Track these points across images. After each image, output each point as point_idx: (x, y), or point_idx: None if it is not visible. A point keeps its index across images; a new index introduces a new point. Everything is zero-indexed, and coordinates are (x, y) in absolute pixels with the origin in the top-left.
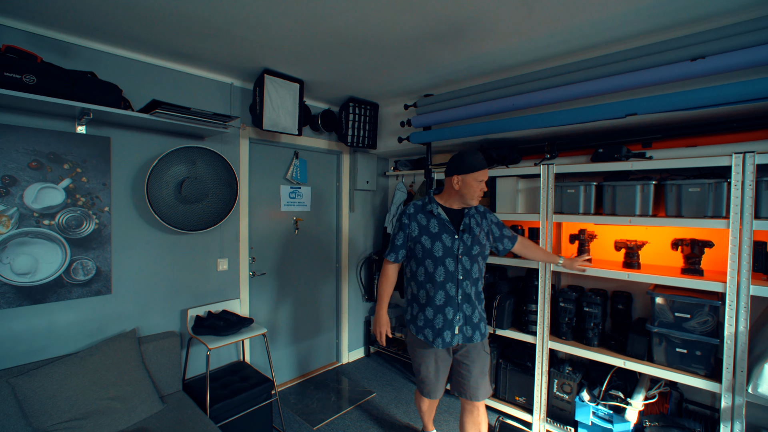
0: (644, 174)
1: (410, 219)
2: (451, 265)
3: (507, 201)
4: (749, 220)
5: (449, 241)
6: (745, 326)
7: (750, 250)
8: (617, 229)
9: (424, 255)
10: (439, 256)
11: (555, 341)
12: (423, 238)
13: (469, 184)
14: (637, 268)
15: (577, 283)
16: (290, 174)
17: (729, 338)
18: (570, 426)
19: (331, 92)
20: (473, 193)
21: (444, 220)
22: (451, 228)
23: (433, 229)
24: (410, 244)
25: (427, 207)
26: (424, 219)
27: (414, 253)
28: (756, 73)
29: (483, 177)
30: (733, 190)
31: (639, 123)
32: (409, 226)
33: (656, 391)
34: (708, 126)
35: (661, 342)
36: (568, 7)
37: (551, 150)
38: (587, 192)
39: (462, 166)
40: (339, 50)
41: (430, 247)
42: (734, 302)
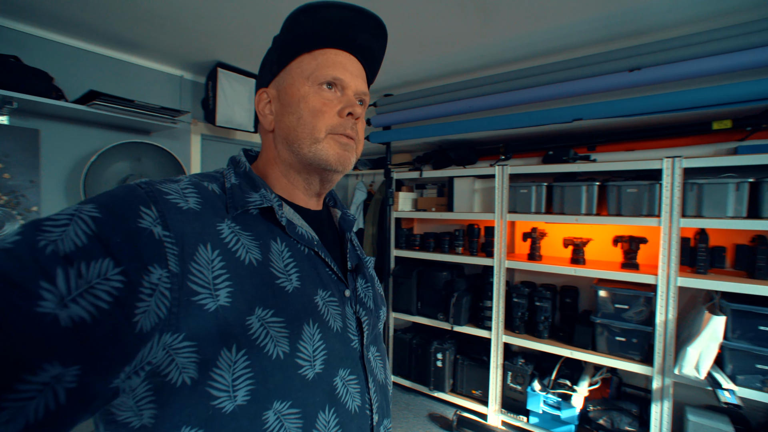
0: (589, 175)
1: (183, 244)
2: (348, 394)
3: (464, 201)
4: (677, 219)
5: (336, 309)
6: (674, 314)
7: (678, 246)
8: (565, 227)
9: (265, 383)
10: (321, 373)
11: (509, 335)
12: (253, 319)
13: (304, 94)
14: (582, 264)
15: (530, 279)
16: None
17: (660, 326)
18: (522, 415)
19: None
20: (317, 127)
21: (307, 241)
22: (332, 266)
23: (287, 276)
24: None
25: (246, 199)
26: (245, 246)
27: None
28: (686, 84)
29: (340, 69)
30: (664, 191)
31: (585, 128)
32: (177, 283)
33: (599, 377)
34: (644, 132)
35: (603, 332)
36: (521, 16)
37: (506, 151)
38: (539, 192)
39: (286, 30)
40: None
41: (290, 350)
42: (665, 293)
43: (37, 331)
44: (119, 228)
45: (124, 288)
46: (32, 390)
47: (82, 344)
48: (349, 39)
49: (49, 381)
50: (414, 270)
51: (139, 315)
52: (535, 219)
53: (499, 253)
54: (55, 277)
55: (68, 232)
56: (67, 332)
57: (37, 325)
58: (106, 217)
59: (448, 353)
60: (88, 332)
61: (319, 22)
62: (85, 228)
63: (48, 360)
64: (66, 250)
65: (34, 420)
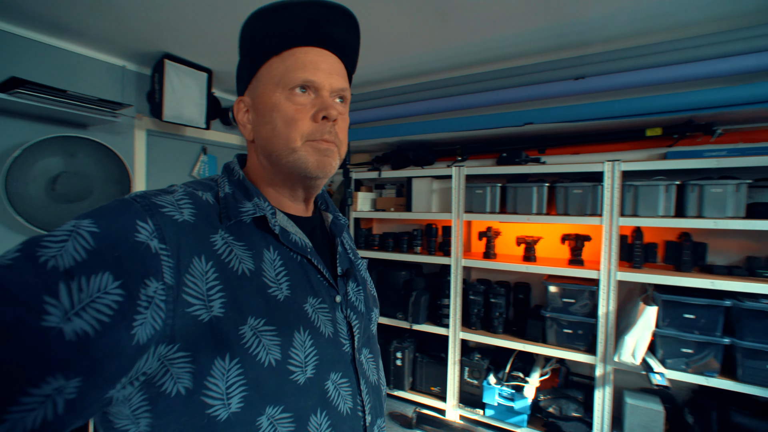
0: (540, 177)
1: (178, 257)
2: (339, 397)
3: (422, 201)
4: (616, 218)
5: (327, 315)
6: (614, 306)
7: (617, 243)
8: (518, 226)
9: (258, 389)
10: (312, 377)
11: (466, 331)
12: (245, 328)
13: (275, 102)
14: (533, 261)
15: (486, 277)
16: (197, 171)
17: (602, 317)
18: (479, 408)
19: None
20: (291, 137)
21: (300, 248)
22: (324, 272)
23: (278, 285)
24: (183, 354)
25: (239, 209)
26: (238, 257)
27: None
28: (625, 94)
29: (310, 70)
30: (605, 193)
31: (536, 131)
32: (174, 293)
33: (549, 368)
34: (588, 137)
35: (553, 325)
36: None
37: (462, 153)
38: (493, 192)
39: (249, 37)
40: None
41: (281, 357)
42: (606, 287)
43: (44, 345)
44: (117, 242)
45: (123, 301)
46: (34, 402)
47: (85, 357)
48: (319, 34)
49: (51, 393)
50: (374, 270)
51: (137, 327)
52: (490, 218)
53: (456, 252)
54: (58, 292)
55: (67, 248)
56: (71, 345)
57: (43, 339)
58: (104, 232)
59: (407, 352)
60: (91, 345)
61: (282, 23)
62: (84, 243)
63: (52, 373)
64: (66, 265)
65: (31, 429)
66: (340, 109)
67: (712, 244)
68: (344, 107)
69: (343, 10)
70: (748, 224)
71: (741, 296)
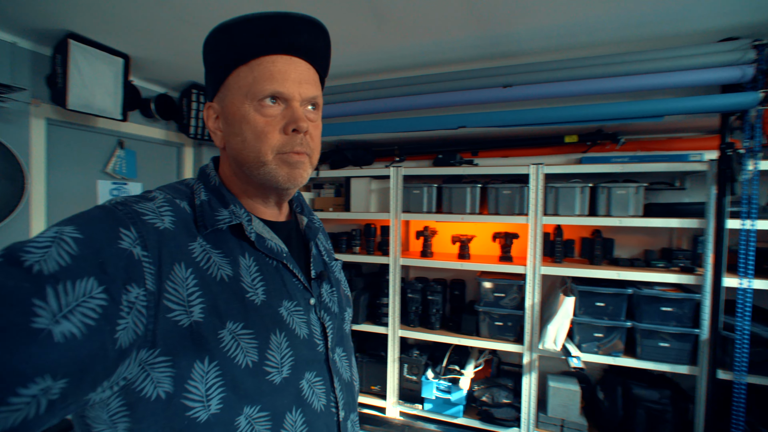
0: (473, 178)
1: (160, 264)
2: (314, 395)
3: (361, 201)
4: (540, 217)
5: (302, 317)
6: (539, 298)
7: (541, 240)
8: (453, 226)
9: (235, 390)
10: (288, 377)
11: (405, 329)
12: (224, 332)
13: (244, 114)
14: (468, 259)
15: (423, 275)
16: (112, 167)
17: (529, 309)
18: (418, 403)
19: (170, 74)
20: (262, 150)
21: (276, 254)
22: (299, 276)
23: (255, 290)
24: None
25: (215, 218)
26: (216, 263)
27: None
28: (548, 103)
29: (278, 80)
30: (530, 193)
31: (469, 135)
32: (154, 300)
33: (482, 359)
34: (516, 141)
35: (485, 318)
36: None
37: (400, 153)
38: (430, 193)
39: (213, 49)
40: (178, 27)
41: (258, 359)
42: (532, 281)
43: (34, 346)
44: (101, 249)
45: (107, 306)
46: (21, 403)
47: (73, 358)
48: (286, 43)
49: (38, 394)
50: None
51: (120, 331)
52: (427, 218)
53: (395, 252)
54: (46, 295)
55: (51, 253)
56: (59, 347)
57: (34, 340)
58: (88, 238)
59: None
60: (78, 347)
61: (246, 35)
62: (68, 249)
63: (41, 374)
64: (52, 269)
65: (10, 427)
66: (312, 117)
67: (618, 239)
68: (316, 114)
69: (309, 19)
70: (645, 222)
71: (640, 284)
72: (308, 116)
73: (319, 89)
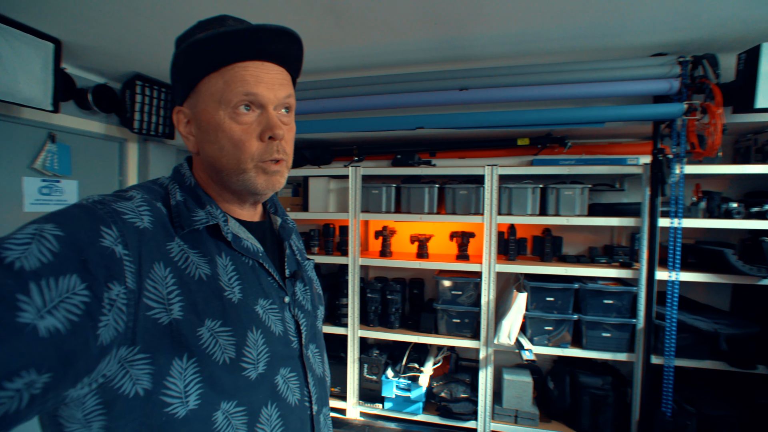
0: (431, 178)
1: (140, 262)
2: (288, 390)
3: (319, 200)
4: (495, 216)
5: (277, 315)
6: (494, 295)
7: (496, 239)
8: (412, 225)
9: (213, 386)
10: (263, 373)
11: (364, 329)
12: (203, 329)
13: (219, 122)
14: (426, 258)
15: (383, 275)
16: (42, 162)
17: (485, 306)
18: (378, 403)
19: (110, 63)
20: (241, 159)
21: (252, 253)
22: (274, 275)
23: (232, 289)
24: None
25: (192, 218)
26: (194, 263)
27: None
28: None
29: (251, 84)
30: (486, 194)
31: (427, 136)
32: (132, 298)
33: (441, 356)
34: (472, 143)
35: (443, 316)
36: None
37: (359, 153)
38: (389, 193)
39: (182, 61)
40: (120, 13)
41: (236, 355)
42: (488, 278)
43: (20, 341)
44: (83, 246)
45: (90, 302)
46: (5, 397)
47: (57, 353)
48: (257, 51)
49: (21, 388)
50: None
51: (102, 328)
52: (386, 218)
53: (354, 252)
54: (29, 291)
55: (32, 250)
56: (44, 341)
57: (20, 334)
58: (69, 236)
59: None
60: (62, 342)
61: (216, 46)
62: (50, 246)
63: (27, 368)
64: (33, 266)
65: None
66: (286, 121)
67: (566, 237)
68: (290, 117)
69: (282, 30)
70: (589, 221)
71: (585, 279)
72: (282, 120)
73: (292, 90)
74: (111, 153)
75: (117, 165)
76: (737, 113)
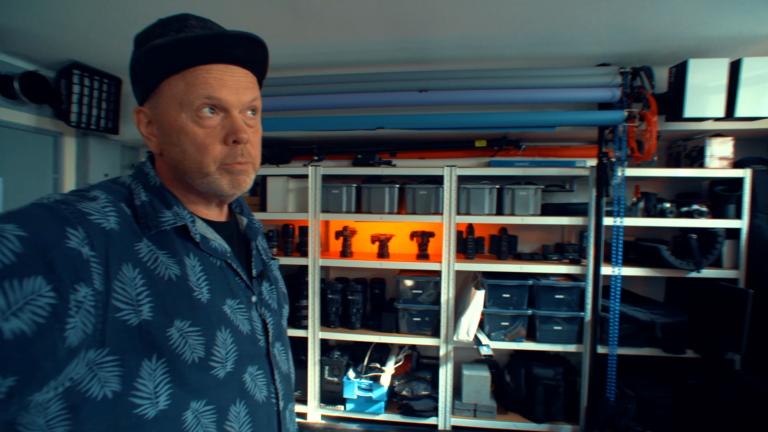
0: (391, 179)
1: (107, 264)
2: (256, 387)
3: (278, 200)
4: (454, 216)
5: (244, 314)
6: (453, 293)
7: (455, 238)
8: (373, 225)
9: (182, 386)
10: (232, 371)
11: (325, 331)
12: (172, 330)
13: (182, 125)
14: (387, 258)
15: (344, 275)
16: None
17: (444, 304)
18: (340, 404)
19: (42, 49)
20: (204, 162)
21: (220, 254)
22: (242, 275)
23: (200, 289)
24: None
25: (159, 219)
26: (164, 263)
27: None
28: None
29: (215, 87)
30: (445, 194)
31: (387, 136)
32: (104, 300)
33: (402, 355)
34: (432, 144)
35: (404, 315)
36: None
37: (319, 153)
38: (349, 192)
39: (142, 65)
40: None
41: (205, 355)
42: (447, 277)
43: None
44: (48, 247)
45: (57, 304)
46: None
47: (23, 356)
48: (221, 55)
49: None
50: None
51: (69, 330)
52: (347, 218)
53: (314, 252)
54: None
55: None
56: (10, 344)
57: None
58: (33, 236)
59: None
60: (29, 345)
61: (178, 49)
62: (12, 247)
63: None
64: None
65: None
66: (251, 123)
67: (521, 236)
68: (255, 120)
69: (246, 36)
70: (542, 220)
71: (539, 276)
72: (248, 122)
73: (257, 93)
74: (43, 148)
75: (51, 161)
76: (670, 121)
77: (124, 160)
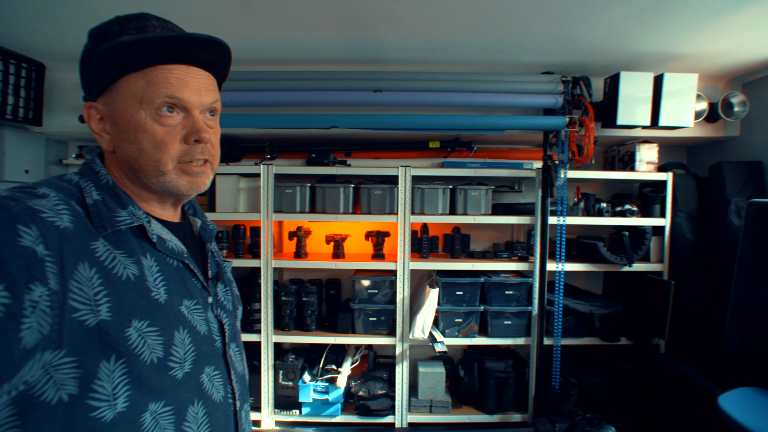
0: (346, 178)
1: (62, 263)
2: (213, 387)
3: (228, 200)
4: (408, 216)
5: (201, 315)
6: (409, 292)
7: (410, 237)
8: (327, 225)
9: (141, 387)
10: (189, 372)
11: (279, 334)
12: (131, 330)
13: (140, 122)
14: (342, 258)
15: (298, 277)
16: None
17: (400, 303)
18: (295, 409)
19: None
20: (162, 160)
21: (177, 254)
22: (199, 276)
23: (158, 290)
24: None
25: (115, 218)
26: (121, 263)
27: None
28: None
29: (176, 87)
30: (400, 194)
31: (342, 135)
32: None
33: (359, 355)
34: (387, 144)
35: (360, 315)
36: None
37: (272, 151)
38: (303, 192)
39: (100, 61)
40: None
41: (163, 355)
42: (402, 276)
43: None
44: (0, 246)
45: (11, 304)
46: None
47: None
48: (183, 57)
49: None
50: None
51: (24, 331)
52: (300, 218)
53: (266, 254)
54: None
55: None
56: None
57: None
58: None
59: None
60: None
61: (139, 49)
62: None
63: None
64: None
65: None
66: (211, 124)
67: (474, 235)
68: (215, 120)
69: (212, 40)
70: (493, 219)
71: (490, 273)
72: (208, 123)
73: (218, 95)
74: None
75: None
76: (605, 128)
77: (49, 155)
